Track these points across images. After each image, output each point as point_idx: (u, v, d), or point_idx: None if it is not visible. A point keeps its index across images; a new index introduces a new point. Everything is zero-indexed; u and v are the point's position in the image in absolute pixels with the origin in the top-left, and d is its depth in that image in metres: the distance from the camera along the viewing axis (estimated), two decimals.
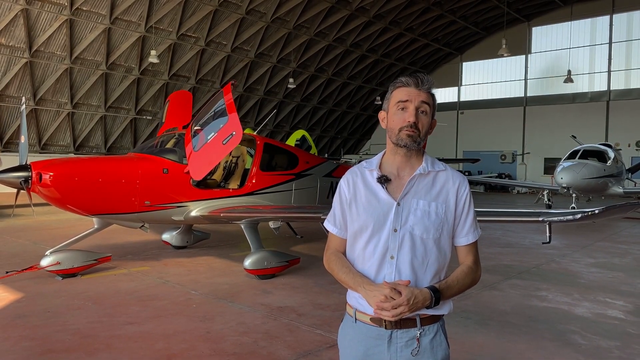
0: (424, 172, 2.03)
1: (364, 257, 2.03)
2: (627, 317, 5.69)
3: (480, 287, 6.86)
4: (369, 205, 2.02)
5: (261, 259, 7.13)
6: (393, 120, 2.01)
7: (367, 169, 2.10)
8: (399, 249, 1.97)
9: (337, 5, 25.46)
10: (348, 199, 2.08)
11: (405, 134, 1.97)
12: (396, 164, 2.06)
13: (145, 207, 7.22)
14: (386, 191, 2.01)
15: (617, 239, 11.90)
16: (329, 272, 2.15)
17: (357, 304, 2.04)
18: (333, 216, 2.17)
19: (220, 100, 7.05)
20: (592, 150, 17.00)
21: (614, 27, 30.42)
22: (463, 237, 2.09)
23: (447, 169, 2.09)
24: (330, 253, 2.16)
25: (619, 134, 29.00)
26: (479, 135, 34.71)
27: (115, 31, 21.62)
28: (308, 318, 5.43)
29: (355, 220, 2.04)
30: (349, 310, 2.11)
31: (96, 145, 25.11)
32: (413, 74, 2.01)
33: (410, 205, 1.99)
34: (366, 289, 1.93)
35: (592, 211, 4.12)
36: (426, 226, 1.98)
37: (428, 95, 2.00)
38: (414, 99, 1.97)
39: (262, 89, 29.46)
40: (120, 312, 5.57)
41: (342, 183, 2.14)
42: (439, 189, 2.04)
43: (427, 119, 2.00)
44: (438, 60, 36.77)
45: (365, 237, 2.01)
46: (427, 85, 1.99)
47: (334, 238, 2.18)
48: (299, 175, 9.27)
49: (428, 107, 1.99)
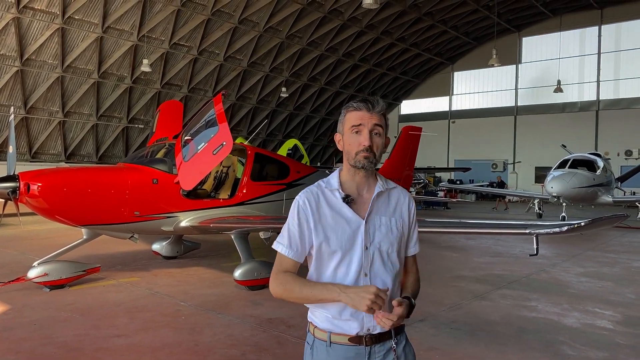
0: (382, 189, 2.10)
1: (336, 278, 2.01)
2: (616, 327, 5.72)
3: (470, 297, 6.88)
4: (337, 226, 2.02)
5: (251, 269, 7.10)
6: (349, 143, 2.06)
7: (328, 188, 2.08)
8: (371, 265, 2.01)
9: (329, 15, 25.62)
10: (311, 222, 2.03)
11: (362, 156, 2.02)
12: (356, 183, 2.10)
13: (134, 218, 7.18)
14: (352, 210, 2.04)
15: (606, 248, 11.97)
16: (282, 297, 2.03)
17: (333, 326, 1.99)
18: (288, 238, 2.07)
19: (210, 110, 7.05)
20: (581, 160, 17.15)
21: (603, 38, 30.81)
22: (411, 248, 2.21)
23: (397, 186, 2.20)
24: (282, 275, 2.04)
25: (608, 143, 29.28)
26: (470, 144, 34.90)
27: (108, 40, 21.60)
28: (298, 330, 5.41)
29: (324, 243, 2.01)
30: (319, 335, 2.03)
31: (87, 154, 24.98)
32: (364, 98, 2.07)
33: (375, 223, 2.05)
34: (348, 293, 1.87)
35: (578, 223, 4.15)
36: (391, 241, 2.06)
37: (380, 117, 2.05)
38: (367, 122, 2.02)
39: (254, 98, 29.51)
40: (108, 324, 5.51)
41: (301, 204, 2.06)
42: (394, 205, 2.13)
43: (380, 140, 2.06)
44: (429, 69, 37.02)
45: (337, 259, 2.00)
46: (379, 108, 2.05)
47: (287, 261, 2.07)
48: (290, 185, 9.26)
49: (381, 128, 2.05)
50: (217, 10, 22.63)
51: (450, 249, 11.28)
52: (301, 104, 32.51)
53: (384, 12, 26.52)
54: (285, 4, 23.91)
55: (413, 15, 27.86)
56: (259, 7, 23.41)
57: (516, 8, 29.94)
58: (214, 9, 22.43)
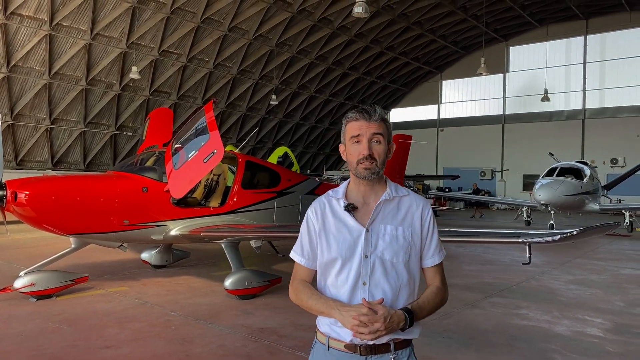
0: (389, 197, 2.09)
1: (337, 285, 2.05)
2: (606, 335, 5.75)
3: (461, 306, 6.89)
4: (339, 234, 2.06)
5: (242, 278, 7.05)
6: (350, 153, 2.09)
7: (334, 198, 2.14)
8: (370, 274, 2.01)
9: (319, 23, 25.73)
10: (317, 229, 2.11)
11: (362, 167, 2.04)
12: (361, 192, 2.11)
13: (124, 227, 7.11)
14: (354, 218, 2.06)
15: (594, 255, 12.08)
16: (297, 303, 2.14)
17: (330, 330, 2.04)
18: (300, 247, 2.18)
19: (201, 118, 7.02)
20: (569, 168, 17.33)
21: (588, 48, 31.31)
22: (429, 259, 2.14)
23: (410, 193, 2.16)
24: (297, 284, 2.17)
25: (594, 152, 29.66)
26: (458, 152, 35.14)
27: (96, 47, 21.46)
28: (289, 340, 5.37)
29: (326, 250, 2.07)
30: (320, 338, 2.11)
31: (75, 162, 24.72)
32: (362, 108, 2.08)
33: (379, 231, 2.04)
34: (341, 311, 1.94)
35: (570, 232, 4.18)
36: (395, 250, 2.03)
37: (379, 125, 2.06)
38: (365, 132, 2.04)
39: (244, 105, 29.48)
40: (97, 334, 5.43)
41: (310, 213, 2.16)
42: (404, 214, 2.10)
43: (382, 147, 2.06)
44: (418, 78, 37.28)
45: (338, 266, 2.04)
46: (377, 116, 2.06)
47: (301, 269, 2.19)
48: (281, 193, 9.24)
49: (381, 136, 2.05)
50: (206, 18, 22.63)
51: None
52: (291, 112, 32.53)
53: (373, 21, 26.71)
54: (275, 12, 23.99)
55: (402, 25, 28.09)
56: (249, 15, 23.46)
57: (503, 18, 30.31)
58: (203, 17, 22.42)
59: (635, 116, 29.31)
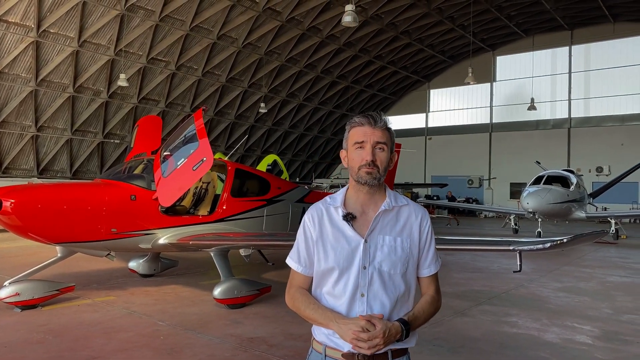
0: (388, 207, 2.06)
1: (334, 294, 2.02)
2: (595, 342, 5.78)
3: (451, 314, 6.89)
4: (336, 244, 2.02)
5: (231, 287, 6.98)
6: (352, 159, 2.05)
7: (332, 205, 2.10)
8: (368, 285, 1.98)
9: (308, 32, 25.84)
10: (314, 237, 2.07)
11: (365, 171, 2.01)
12: (360, 200, 2.08)
13: (111, 235, 7.02)
14: (352, 228, 2.02)
15: (581, 262, 12.18)
16: (293, 310, 2.11)
17: (327, 340, 2.01)
18: (297, 253, 2.14)
19: (191, 125, 6.99)
20: (555, 176, 17.52)
21: (573, 58, 31.82)
22: (426, 269, 2.13)
23: (410, 203, 2.14)
24: (294, 291, 2.12)
25: (580, 160, 30.04)
26: (446, 161, 35.38)
27: (84, 54, 21.32)
28: (280, 349, 5.32)
29: (323, 259, 2.03)
30: (316, 347, 2.08)
31: (61, 170, 24.45)
32: (367, 114, 2.06)
33: (377, 242, 2.01)
34: (339, 324, 1.92)
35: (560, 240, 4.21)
36: (393, 262, 2.01)
37: (383, 132, 2.04)
38: (370, 138, 2.01)
39: (233, 113, 29.43)
40: (83, 345, 5.33)
41: (307, 220, 2.12)
42: (402, 224, 2.07)
43: (385, 155, 2.04)
44: (406, 87, 37.55)
45: (335, 276, 2.01)
46: (382, 123, 2.03)
47: (298, 276, 2.15)
48: (271, 201, 9.21)
49: (385, 145, 2.03)
50: (195, 25, 22.61)
51: None
52: (280, 120, 32.55)
53: (362, 30, 26.90)
54: (264, 20, 24.05)
55: (390, 34, 28.31)
56: (238, 23, 23.49)
57: (490, 28, 30.70)
58: (192, 25, 22.40)
59: (620, 125, 29.78)
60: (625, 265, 11.84)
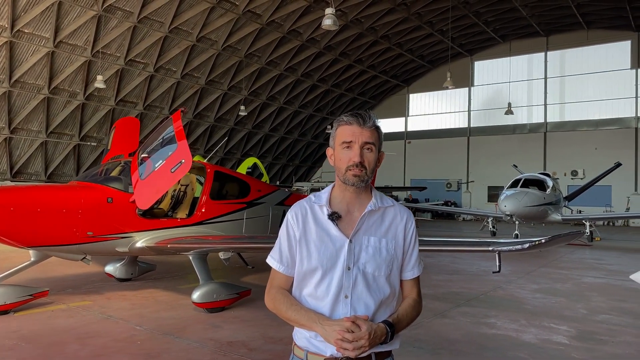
0: (374, 208, 2.02)
1: (317, 296, 1.97)
2: (571, 342, 5.87)
3: (431, 316, 6.92)
4: (320, 243, 1.97)
5: (210, 291, 6.90)
6: (339, 159, 2.00)
7: (317, 204, 2.05)
8: (352, 287, 1.94)
9: (288, 35, 25.83)
10: (297, 236, 2.02)
11: (352, 173, 1.96)
12: (346, 200, 2.04)
13: (87, 238, 6.88)
14: (338, 228, 1.98)
15: (558, 264, 12.38)
16: (273, 312, 2.05)
17: (309, 344, 1.96)
18: (279, 252, 2.08)
19: (169, 127, 6.89)
20: (532, 179, 17.81)
21: (549, 64, 32.47)
22: (409, 272, 2.10)
23: (395, 204, 2.10)
24: (274, 292, 2.06)
25: (556, 164, 30.60)
26: (425, 164, 35.72)
27: (59, 55, 20.94)
28: (259, 353, 5.27)
29: (306, 258, 1.98)
30: (297, 353, 2.02)
31: (36, 172, 23.93)
32: (356, 112, 2.01)
33: (362, 242, 1.98)
34: (323, 325, 1.87)
35: (539, 240, 4.26)
36: (378, 263, 1.97)
37: (372, 132, 1.99)
38: (358, 138, 1.96)
39: (212, 116, 29.22)
40: (57, 352, 5.20)
41: (290, 218, 2.06)
42: (388, 225, 2.04)
43: (373, 155, 2.00)
44: (386, 91, 37.82)
45: (318, 276, 1.96)
46: (370, 123, 1.99)
47: (279, 276, 2.08)
48: (251, 204, 9.14)
49: (373, 145, 1.99)
50: (174, 27, 22.41)
51: None
52: (260, 123, 32.44)
53: (342, 34, 27.02)
54: (244, 23, 23.97)
55: (370, 38, 28.50)
56: (218, 25, 23.37)
57: (468, 33, 31.13)
58: (171, 27, 22.20)
59: (593, 130, 30.44)
60: (600, 267, 12.07)
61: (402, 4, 25.43)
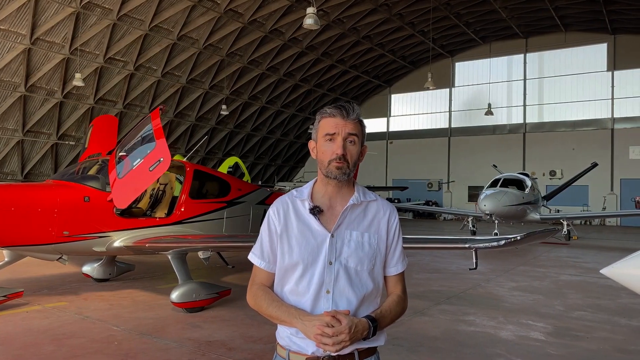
0: (357, 202, 2.00)
1: (298, 292, 1.94)
2: (548, 338, 5.96)
3: (410, 314, 6.96)
4: (302, 238, 1.95)
5: (189, 291, 6.84)
6: (322, 151, 1.97)
7: (298, 198, 2.02)
8: (334, 282, 1.91)
9: (270, 35, 25.75)
10: (279, 231, 1.99)
11: (335, 166, 1.93)
12: (328, 194, 2.01)
13: (63, 238, 6.76)
14: (319, 222, 1.96)
15: (536, 262, 12.56)
16: (255, 309, 2.02)
17: (291, 343, 1.93)
18: (260, 249, 2.05)
19: (147, 125, 6.81)
20: (511, 179, 18.03)
21: (528, 65, 32.93)
22: (393, 267, 2.08)
23: (378, 199, 2.08)
24: (256, 288, 2.03)
25: (535, 164, 31.05)
26: (407, 164, 35.94)
27: (37, 52, 20.53)
28: (238, 352, 5.24)
29: (287, 253, 1.96)
30: (280, 352, 2.00)
31: (12, 172, 23.44)
32: (339, 105, 1.99)
33: (344, 237, 1.95)
34: (304, 321, 1.84)
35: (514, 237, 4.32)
36: (360, 258, 1.95)
37: (355, 125, 1.97)
38: (341, 130, 1.94)
39: (193, 115, 28.97)
40: (31, 353, 5.10)
41: (271, 213, 2.03)
42: (370, 219, 2.01)
43: (355, 149, 1.97)
44: (368, 91, 37.96)
45: (299, 272, 1.94)
46: (354, 115, 1.97)
47: (260, 272, 2.06)
48: (231, 203, 9.08)
49: (356, 137, 1.97)
50: (155, 25, 22.15)
51: None
52: (242, 122, 32.27)
53: (323, 34, 27.03)
54: (226, 22, 23.82)
55: (352, 38, 28.56)
56: (199, 24, 23.18)
57: (449, 34, 31.42)
58: (151, 25, 21.94)
59: (571, 131, 30.97)
60: (577, 265, 12.29)
61: (383, 4, 25.55)
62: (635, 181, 28.58)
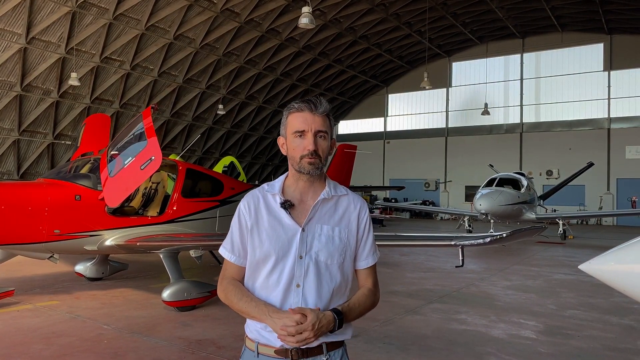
0: (327, 196, 1.99)
1: (268, 286, 1.94)
2: (539, 336, 5.95)
3: (402, 312, 6.95)
4: (272, 232, 1.95)
5: (181, 289, 6.82)
6: (293, 148, 1.97)
7: (270, 192, 2.02)
8: (304, 276, 1.91)
9: (267, 34, 25.74)
10: (249, 225, 1.99)
11: (307, 162, 1.93)
12: (299, 189, 2.01)
13: (54, 237, 6.74)
14: (290, 216, 1.95)
15: (530, 262, 12.57)
16: (226, 304, 2.02)
17: (259, 336, 1.94)
18: (230, 242, 2.04)
19: (139, 123, 6.79)
20: (507, 179, 18.06)
21: (524, 65, 32.98)
22: (363, 261, 2.08)
23: (349, 193, 2.08)
24: (226, 283, 2.03)
25: (531, 163, 31.10)
26: (404, 164, 35.97)
27: (32, 51, 20.51)
28: (228, 350, 5.22)
29: (258, 247, 1.95)
30: (248, 344, 2.00)
31: (8, 171, 23.41)
32: (307, 99, 1.98)
33: (315, 231, 1.95)
34: (273, 317, 1.84)
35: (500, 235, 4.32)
36: (330, 252, 1.95)
37: (324, 119, 1.96)
38: (311, 126, 1.93)
39: (190, 115, 28.95)
40: (21, 351, 5.08)
41: (242, 207, 2.03)
42: (341, 214, 2.02)
43: (326, 143, 1.97)
44: (365, 91, 37.96)
45: (269, 266, 1.93)
46: (322, 109, 1.96)
47: (231, 266, 2.05)
48: (224, 201, 9.07)
49: (326, 132, 1.96)
50: (151, 25, 22.14)
51: (383, 264, 11.41)
52: (239, 122, 32.26)
53: (320, 34, 27.03)
54: (223, 21, 23.81)
55: (349, 38, 28.57)
56: (195, 23, 23.16)
57: (446, 34, 31.45)
58: (148, 24, 21.93)
59: (567, 130, 31.03)
60: (571, 264, 12.28)
61: (380, 4, 25.56)
62: (631, 181, 28.65)
